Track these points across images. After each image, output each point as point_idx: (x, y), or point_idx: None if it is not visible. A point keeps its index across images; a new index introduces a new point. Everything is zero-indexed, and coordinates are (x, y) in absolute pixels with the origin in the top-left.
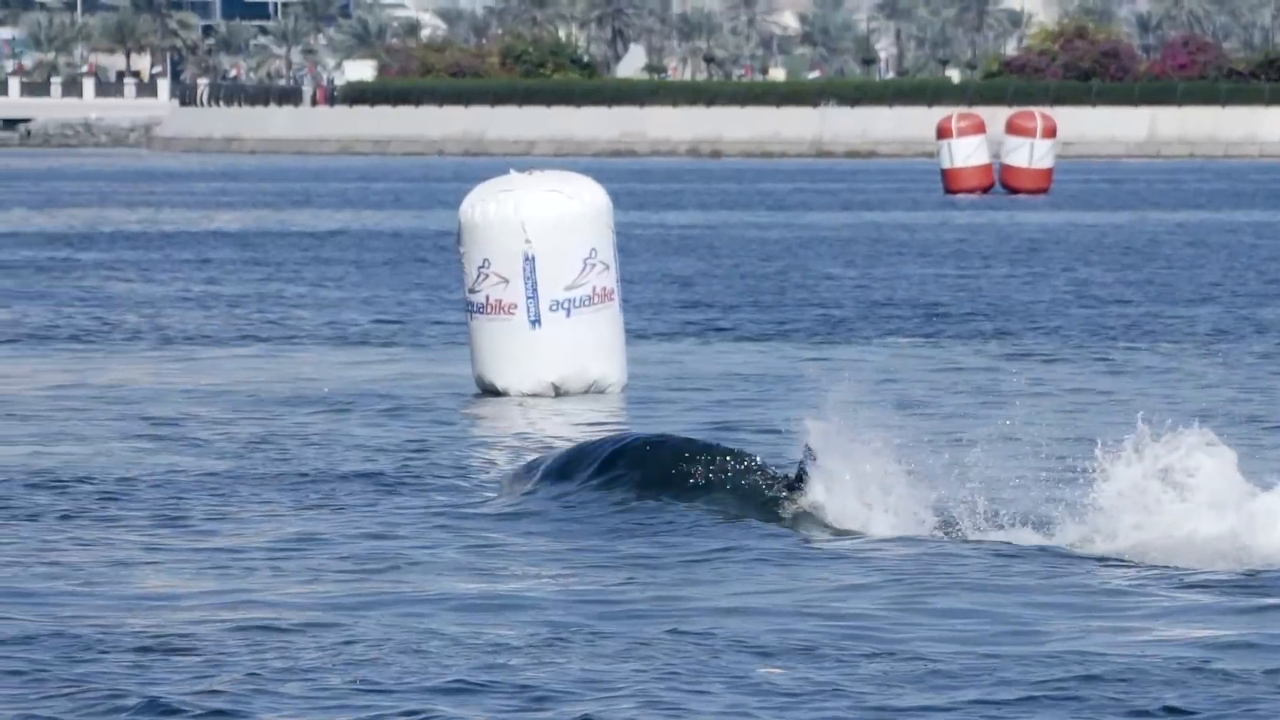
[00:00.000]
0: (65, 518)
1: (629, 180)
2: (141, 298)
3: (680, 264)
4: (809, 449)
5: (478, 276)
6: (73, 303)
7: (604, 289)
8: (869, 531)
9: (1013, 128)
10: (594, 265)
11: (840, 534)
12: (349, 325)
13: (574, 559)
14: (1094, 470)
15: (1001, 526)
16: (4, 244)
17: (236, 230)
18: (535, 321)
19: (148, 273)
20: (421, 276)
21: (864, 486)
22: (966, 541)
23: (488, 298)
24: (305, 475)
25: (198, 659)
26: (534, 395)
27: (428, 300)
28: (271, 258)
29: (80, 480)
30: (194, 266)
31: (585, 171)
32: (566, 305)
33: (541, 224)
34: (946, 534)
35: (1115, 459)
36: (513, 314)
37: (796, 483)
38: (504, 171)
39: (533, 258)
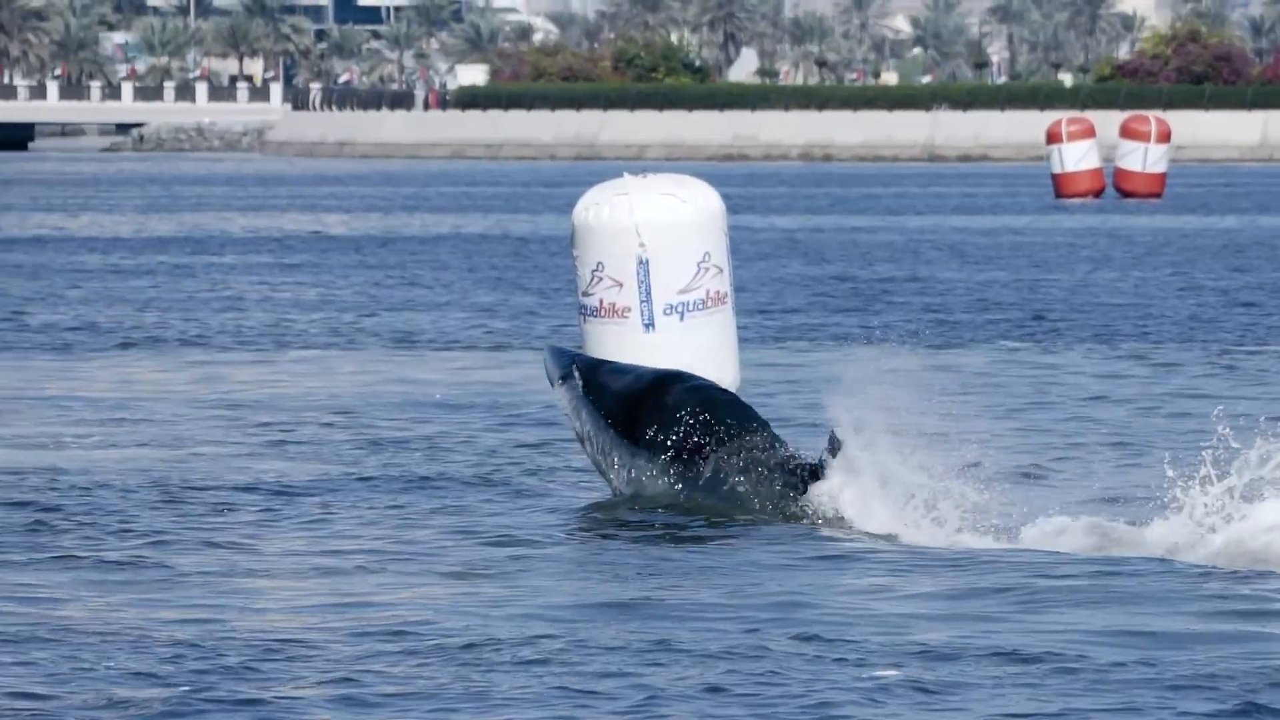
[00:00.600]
0: (181, 517)
1: (740, 184)
2: (255, 301)
3: (792, 268)
4: (834, 437)
5: (591, 280)
6: (184, 306)
7: (717, 293)
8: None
9: (1127, 132)
10: (708, 269)
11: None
12: (461, 329)
13: (666, 568)
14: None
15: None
16: (118, 248)
17: (349, 234)
18: (649, 325)
19: (260, 276)
20: (534, 280)
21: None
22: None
23: (601, 301)
24: (418, 479)
25: (316, 661)
26: None
27: (540, 304)
28: (384, 261)
29: (199, 485)
30: (306, 271)
31: (697, 176)
32: (680, 309)
33: (655, 227)
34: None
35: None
36: (626, 318)
37: (819, 469)
38: (616, 175)
39: (646, 261)
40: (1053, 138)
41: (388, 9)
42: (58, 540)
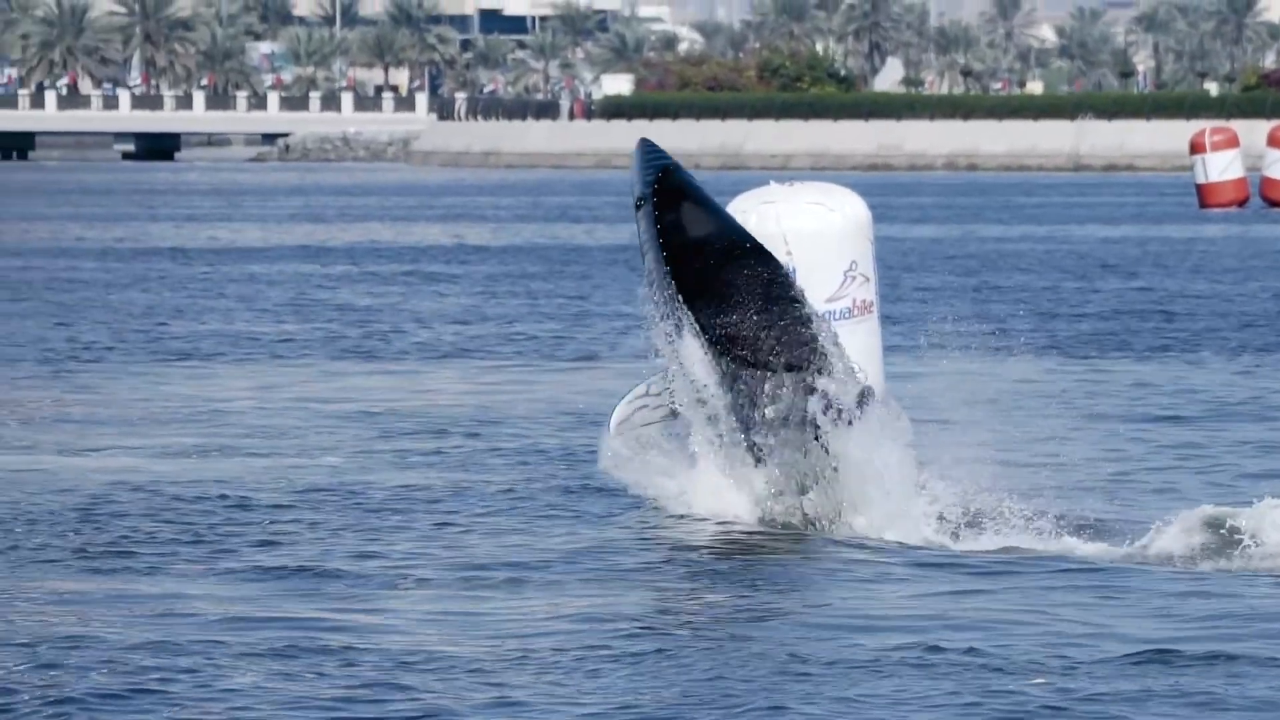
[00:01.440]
0: (325, 526)
1: (885, 193)
2: (401, 311)
3: (935, 278)
4: (867, 389)
5: None
6: (329, 316)
7: (864, 302)
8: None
9: (1274, 140)
10: (854, 278)
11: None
12: (601, 340)
13: (775, 596)
14: None
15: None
16: (261, 258)
17: (494, 245)
18: None
19: (410, 286)
20: None
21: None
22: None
23: None
24: (555, 488)
25: (470, 674)
26: None
27: None
28: (529, 271)
29: (341, 493)
30: (450, 281)
31: (842, 185)
32: (827, 318)
33: (803, 236)
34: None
35: None
36: None
37: (862, 399)
38: (761, 185)
39: (794, 270)
40: (1196, 148)
41: (533, 19)
42: (215, 549)
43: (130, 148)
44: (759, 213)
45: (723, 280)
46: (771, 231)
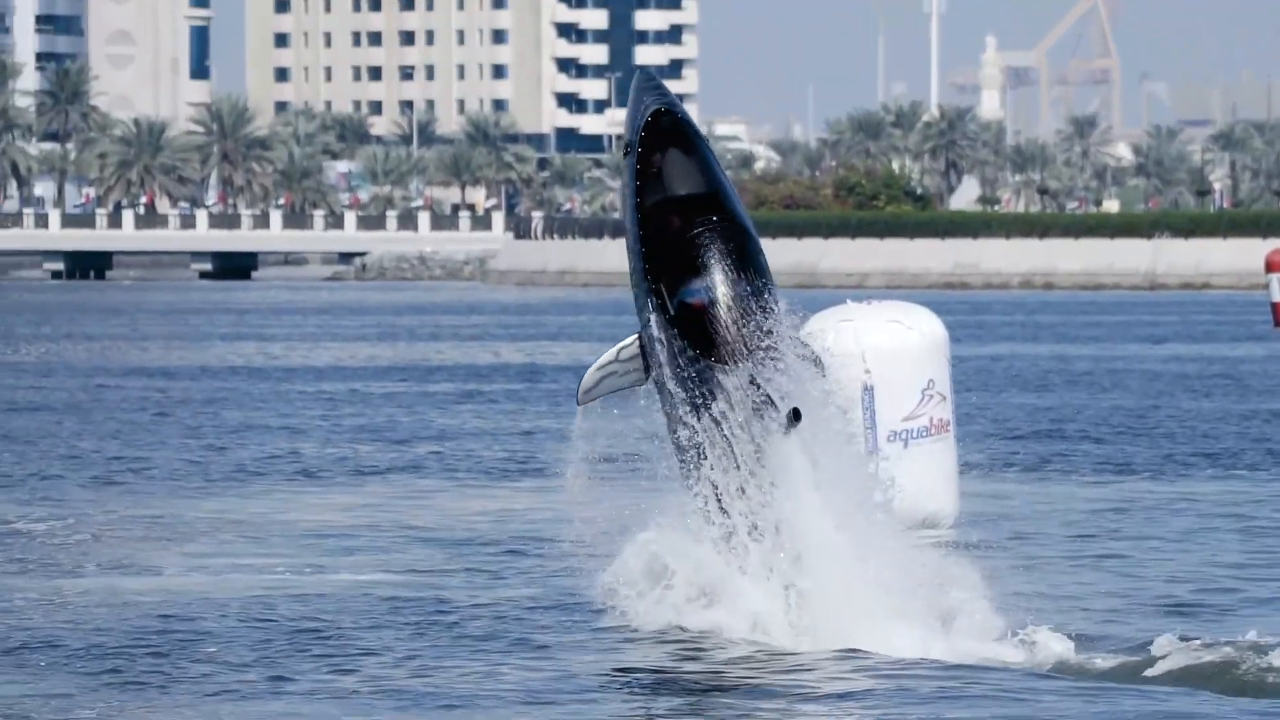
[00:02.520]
0: (420, 640)
1: (961, 312)
2: (477, 430)
3: (1013, 396)
4: (796, 411)
5: None
6: (406, 436)
7: (940, 420)
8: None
9: None
10: (931, 396)
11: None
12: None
13: None
14: None
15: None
16: (340, 376)
17: (569, 364)
18: (873, 452)
19: (484, 405)
20: None
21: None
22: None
23: None
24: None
25: None
26: None
27: None
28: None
29: (431, 611)
30: (520, 400)
31: (918, 303)
32: (904, 436)
33: (881, 354)
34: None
35: None
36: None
37: (794, 418)
38: (838, 303)
39: (872, 388)
40: (1271, 266)
41: (609, 137)
42: (319, 664)
43: (207, 266)
44: (837, 330)
45: (693, 249)
46: (850, 349)
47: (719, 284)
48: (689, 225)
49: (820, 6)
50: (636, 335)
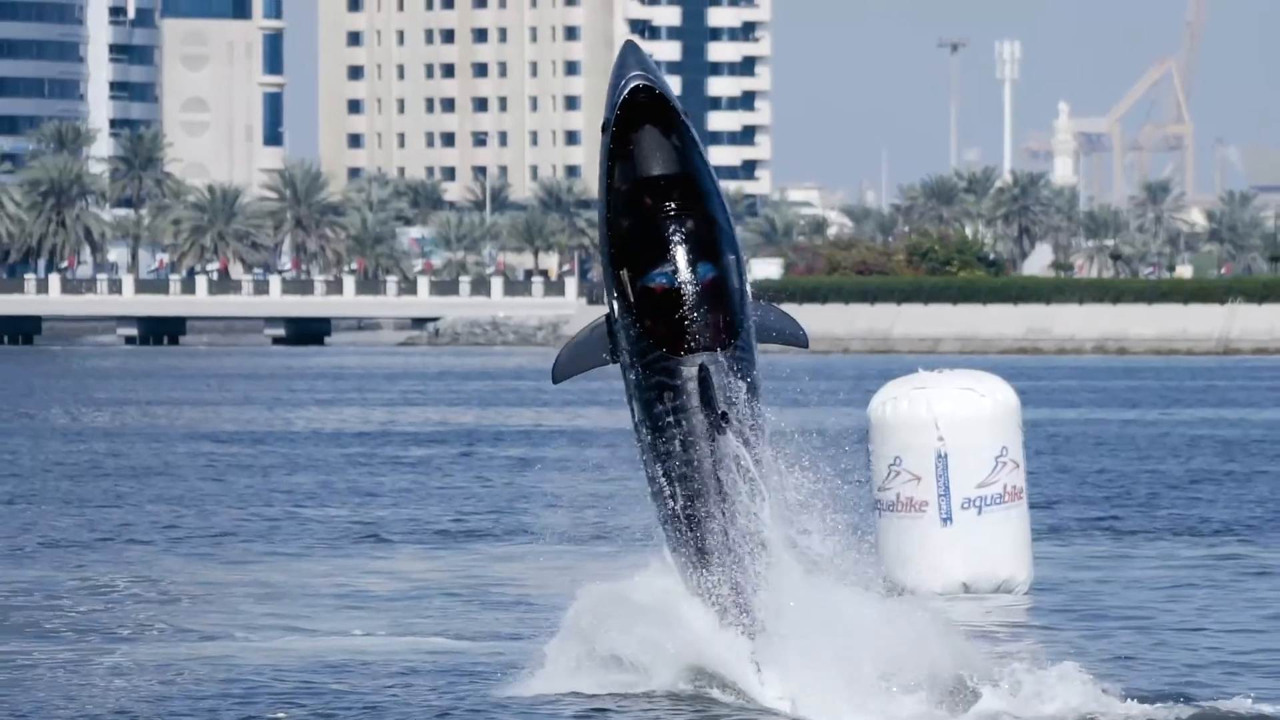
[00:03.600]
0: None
1: (1033, 377)
2: (550, 495)
3: (1086, 462)
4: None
5: (888, 474)
6: (482, 500)
7: (1014, 487)
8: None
9: None
10: (1005, 463)
11: None
12: None
13: None
14: None
15: None
16: (408, 441)
17: None
18: (947, 519)
19: (559, 470)
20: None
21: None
22: None
23: (898, 495)
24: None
25: None
26: (943, 593)
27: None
28: None
29: (484, 674)
30: (599, 466)
31: (990, 369)
32: (978, 503)
33: (955, 422)
34: None
35: None
36: (924, 511)
37: (722, 421)
38: (910, 369)
39: (945, 455)
40: None
41: None
42: None
43: (280, 332)
44: (910, 398)
45: (659, 233)
46: (923, 417)
47: (681, 270)
48: (657, 208)
49: (893, 72)
50: (606, 314)
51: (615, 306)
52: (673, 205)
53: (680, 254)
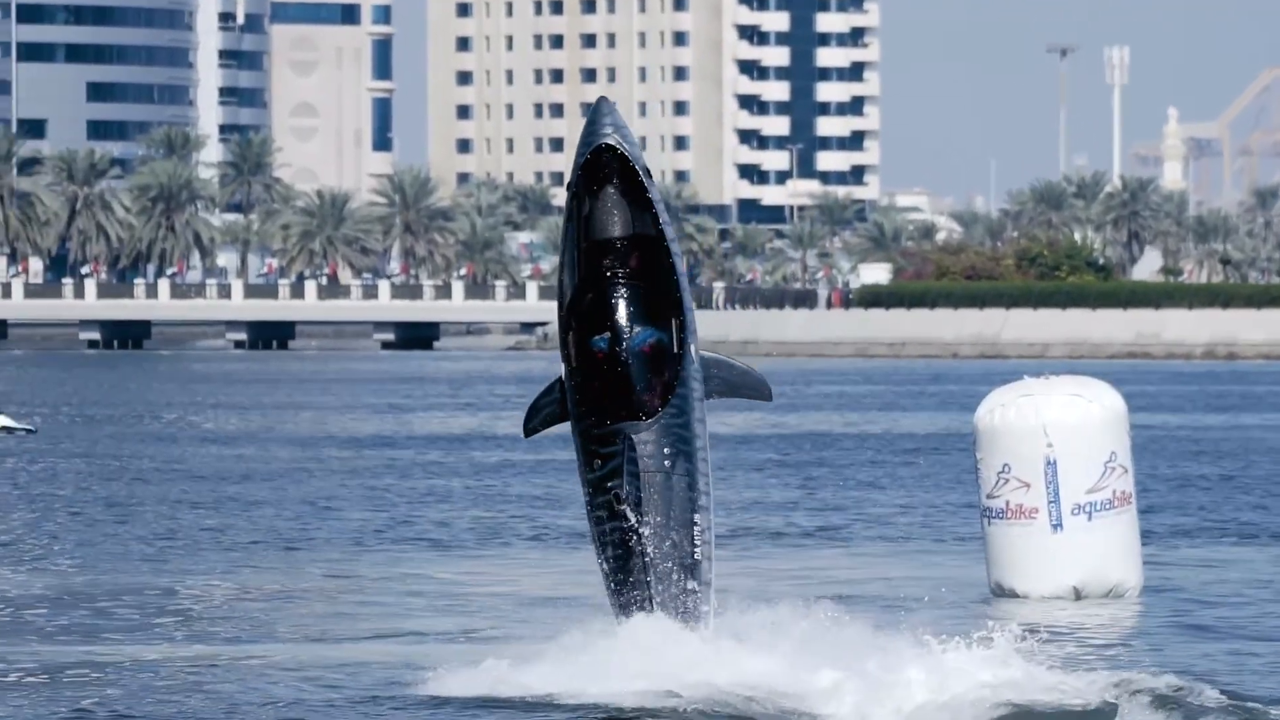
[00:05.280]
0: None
1: (1142, 382)
2: None
3: (1194, 467)
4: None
5: (996, 482)
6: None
7: (1123, 493)
8: None
9: None
10: (1114, 469)
11: None
12: (855, 526)
13: None
14: None
15: None
16: (515, 445)
17: (760, 433)
18: (1057, 526)
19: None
20: (935, 479)
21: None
22: None
23: (1007, 503)
24: None
25: None
26: (1053, 599)
27: (941, 502)
28: (793, 459)
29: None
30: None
31: (1100, 374)
32: (1088, 509)
33: (1063, 428)
34: None
35: None
36: (1034, 518)
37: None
38: (1018, 374)
39: (1054, 462)
40: None
41: (791, 208)
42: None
43: (389, 336)
44: (1018, 406)
45: (605, 298)
46: (1031, 424)
47: (619, 335)
48: (608, 271)
49: (1002, 78)
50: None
51: (564, 367)
52: (621, 269)
53: (621, 318)
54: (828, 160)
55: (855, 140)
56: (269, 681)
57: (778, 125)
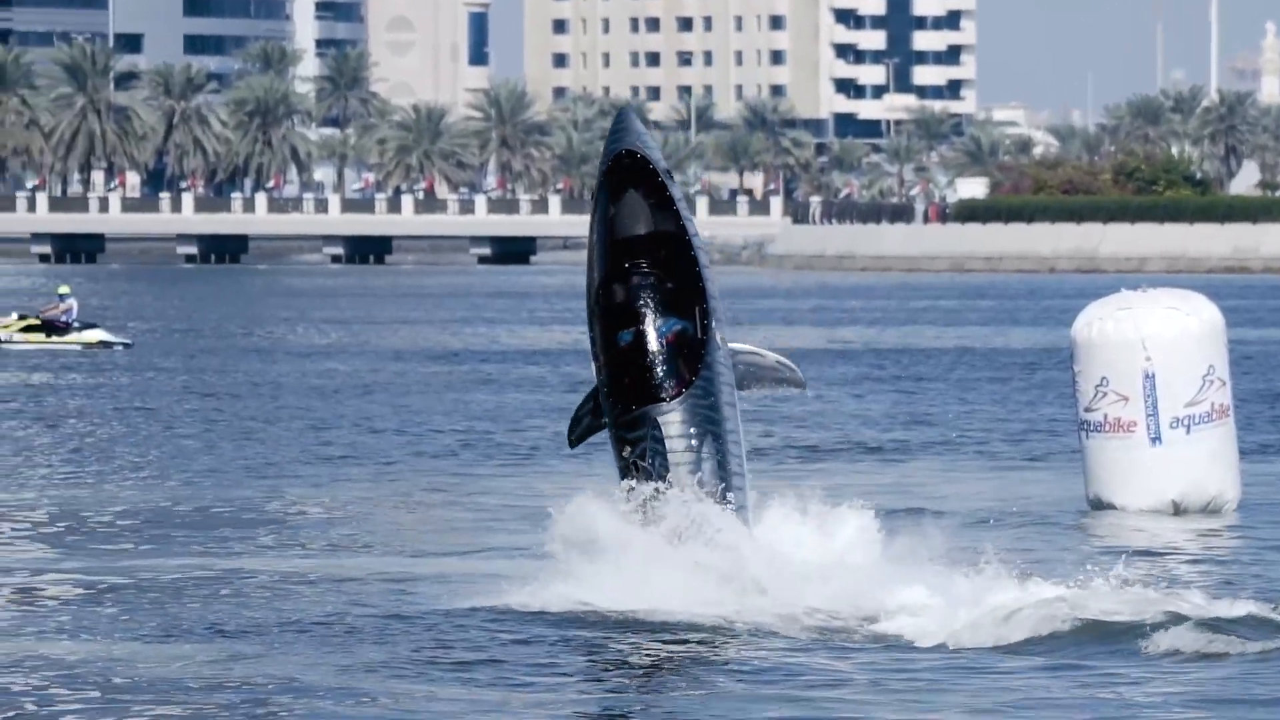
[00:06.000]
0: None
1: (1241, 296)
2: (775, 414)
3: None
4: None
5: (1094, 395)
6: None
7: (1221, 405)
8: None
9: None
10: (1212, 382)
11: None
12: (952, 440)
13: None
14: None
15: None
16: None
17: (859, 349)
18: (1156, 439)
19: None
20: (1028, 394)
21: None
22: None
23: (1105, 416)
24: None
25: None
26: (1152, 512)
27: (1037, 417)
28: (887, 374)
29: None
30: (816, 383)
31: (1197, 288)
32: (1186, 422)
33: (1162, 341)
34: None
35: None
36: (1132, 432)
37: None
38: (1115, 288)
39: (1153, 375)
40: None
41: (888, 122)
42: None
43: (486, 251)
44: (1115, 319)
45: (628, 295)
46: (1130, 337)
47: (645, 327)
48: (632, 268)
49: None
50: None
51: (594, 365)
52: (645, 264)
53: (647, 312)
54: (924, 74)
55: (952, 54)
56: (359, 596)
57: (874, 39)
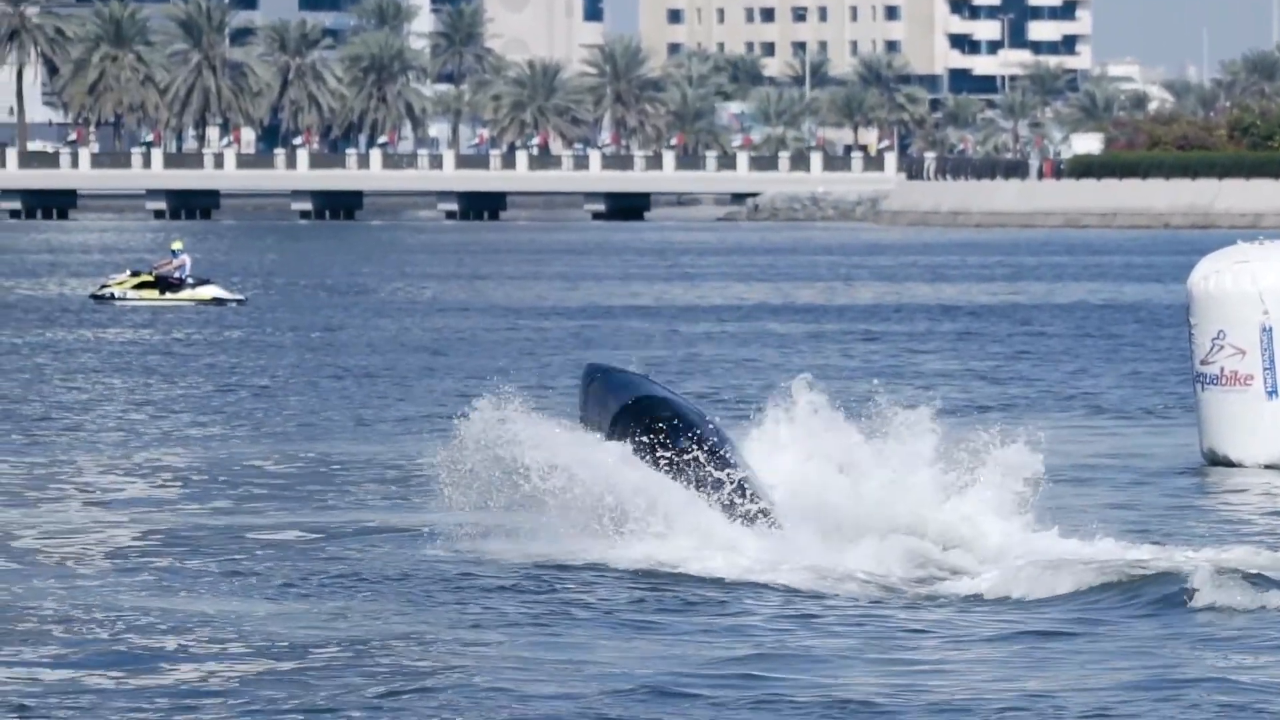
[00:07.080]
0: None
1: None
2: (888, 369)
3: None
4: None
5: (1211, 348)
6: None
7: None
8: None
9: None
10: None
11: None
12: (1073, 396)
13: None
14: None
15: None
16: (731, 315)
17: (964, 303)
18: (1273, 393)
19: (882, 345)
20: (1146, 349)
21: None
22: None
23: (1222, 369)
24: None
25: None
26: (1270, 467)
27: (1150, 372)
28: (996, 331)
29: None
30: (925, 339)
31: None
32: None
33: None
34: None
35: None
36: (1249, 385)
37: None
38: (1230, 243)
39: (1270, 329)
40: None
41: (1003, 78)
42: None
43: (600, 207)
44: (1233, 272)
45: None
46: (1248, 290)
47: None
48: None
49: None
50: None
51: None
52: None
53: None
54: (1039, 30)
55: (1067, 9)
56: (480, 554)
57: None
